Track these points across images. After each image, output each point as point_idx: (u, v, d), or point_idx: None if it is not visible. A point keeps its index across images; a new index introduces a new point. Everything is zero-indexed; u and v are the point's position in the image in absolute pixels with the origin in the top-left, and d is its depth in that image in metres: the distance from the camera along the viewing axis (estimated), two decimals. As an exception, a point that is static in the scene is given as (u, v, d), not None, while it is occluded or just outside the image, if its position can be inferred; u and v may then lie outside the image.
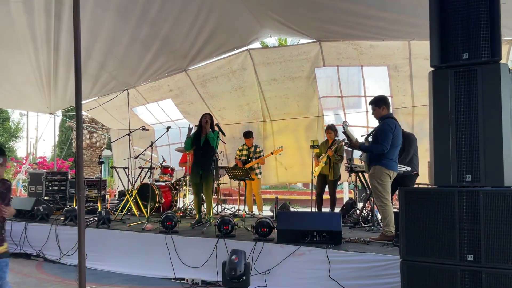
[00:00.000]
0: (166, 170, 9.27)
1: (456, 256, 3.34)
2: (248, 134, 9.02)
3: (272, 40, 13.17)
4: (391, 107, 5.86)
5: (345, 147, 7.46)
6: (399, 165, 5.78)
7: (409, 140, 6.69)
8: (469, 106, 3.40)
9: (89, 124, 17.69)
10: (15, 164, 18.94)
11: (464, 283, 3.28)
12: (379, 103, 5.59)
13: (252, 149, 8.98)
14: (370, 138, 5.90)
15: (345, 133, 5.90)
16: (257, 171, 8.96)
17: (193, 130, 7.31)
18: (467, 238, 3.31)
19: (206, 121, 6.96)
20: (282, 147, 8.97)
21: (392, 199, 5.68)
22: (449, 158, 3.44)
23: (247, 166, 8.71)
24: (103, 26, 7.51)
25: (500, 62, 3.38)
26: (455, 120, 3.44)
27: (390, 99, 8.80)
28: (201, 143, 6.95)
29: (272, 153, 9.08)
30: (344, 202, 8.88)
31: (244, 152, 9.06)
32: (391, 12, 6.47)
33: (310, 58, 9.04)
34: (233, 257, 4.78)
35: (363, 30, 7.37)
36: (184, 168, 9.71)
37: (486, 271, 3.22)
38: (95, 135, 19.28)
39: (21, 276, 6.01)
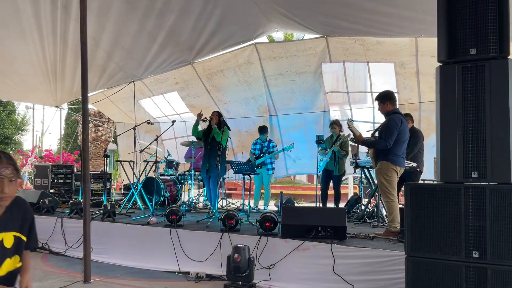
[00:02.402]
0: (171, 164, 9.28)
1: (462, 253, 3.32)
2: (262, 130, 9.03)
3: (278, 35, 13.13)
4: (397, 103, 5.83)
5: (351, 143, 7.45)
6: (406, 161, 5.75)
7: (415, 137, 6.67)
8: (476, 102, 3.37)
9: (94, 118, 17.74)
10: (21, 157, 19.04)
11: (469, 279, 3.27)
12: (383, 99, 5.56)
13: (266, 144, 8.99)
14: (377, 134, 5.88)
15: (350, 129, 5.89)
16: (269, 166, 8.98)
17: (202, 125, 7.54)
18: (473, 235, 3.29)
19: (211, 118, 7.20)
20: (293, 143, 8.98)
21: (398, 195, 5.66)
22: (456, 154, 3.42)
23: (259, 160, 8.74)
24: (111, 16, 7.52)
25: (509, 57, 3.34)
26: (462, 115, 3.41)
27: (396, 95, 8.79)
28: (209, 139, 7.24)
29: (283, 150, 9.10)
30: (349, 197, 8.87)
31: (258, 146, 9.08)
32: (399, 8, 6.43)
33: (317, 53, 9.01)
34: (235, 255, 4.75)
35: (370, 26, 7.33)
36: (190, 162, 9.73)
37: (492, 267, 3.20)
38: (100, 128, 19.35)
39: (26, 267, 6.04)
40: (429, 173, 7.50)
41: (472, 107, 3.38)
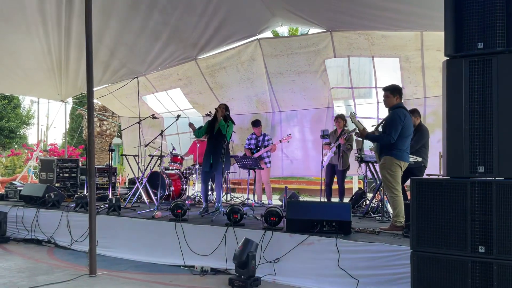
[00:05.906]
0: (175, 158, 9.29)
1: (467, 248, 3.32)
2: (256, 123, 9.01)
3: (283, 29, 13.07)
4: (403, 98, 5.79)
5: (355, 137, 7.44)
6: (410, 156, 5.73)
7: (420, 133, 6.65)
8: (483, 96, 3.36)
9: (99, 112, 17.77)
10: (26, 151, 19.08)
11: (475, 274, 3.27)
12: (395, 92, 5.46)
13: (261, 138, 8.96)
14: (380, 128, 5.86)
15: (353, 122, 5.88)
16: (266, 160, 8.95)
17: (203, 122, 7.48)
18: (479, 230, 3.29)
19: (217, 110, 7.07)
20: (290, 134, 8.98)
21: (404, 189, 5.65)
22: (462, 149, 3.41)
23: (256, 155, 8.70)
24: (114, 12, 7.50)
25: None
26: (469, 110, 3.40)
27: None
28: (214, 132, 7.09)
29: (280, 141, 9.08)
30: (354, 192, 8.86)
31: (253, 141, 9.05)
32: (406, 4, 6.39)
33: (320, 50, 8.93)
34: (238, 247, 4.76)
35: (376, 21, 7.29)
36: (193, 156, 9.73)
37: (498, 263, 3.20)
38: (105, 123, 19.37)
39: (32, 261, 6.08)
40: (434, 168, 7.48)
41: (479, 102, 3.37)
